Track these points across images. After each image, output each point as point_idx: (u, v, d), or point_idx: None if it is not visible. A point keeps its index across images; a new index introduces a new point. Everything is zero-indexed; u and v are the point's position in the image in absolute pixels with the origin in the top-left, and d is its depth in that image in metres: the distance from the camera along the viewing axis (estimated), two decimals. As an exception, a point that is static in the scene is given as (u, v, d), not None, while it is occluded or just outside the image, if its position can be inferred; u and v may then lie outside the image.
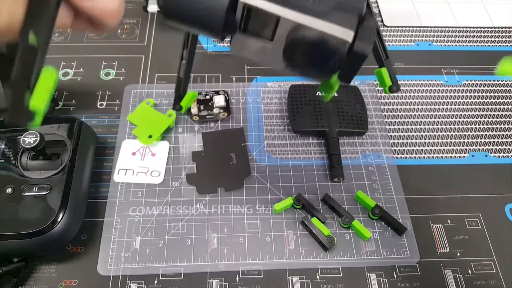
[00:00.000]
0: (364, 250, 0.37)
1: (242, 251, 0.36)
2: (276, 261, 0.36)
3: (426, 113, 0.46)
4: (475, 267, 0.37)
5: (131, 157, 0.41)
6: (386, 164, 0.42)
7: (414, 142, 0.44)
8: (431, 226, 0.39)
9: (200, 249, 0.36)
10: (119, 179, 0.40)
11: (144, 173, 0.40)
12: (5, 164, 0.35)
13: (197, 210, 0.38)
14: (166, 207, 0.39)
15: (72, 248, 0.36)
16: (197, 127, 0.44)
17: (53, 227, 0.32)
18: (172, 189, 0.40)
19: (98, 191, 0.39)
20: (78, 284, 0.34)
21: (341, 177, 0.40)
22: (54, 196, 0.34)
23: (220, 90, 0.46)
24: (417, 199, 0.40)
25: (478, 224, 0.39)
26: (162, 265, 0.35)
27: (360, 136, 0.44)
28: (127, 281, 0.35)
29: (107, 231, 0.37)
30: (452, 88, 0.49)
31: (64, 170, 0.35)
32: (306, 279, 0.35)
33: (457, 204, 0.40)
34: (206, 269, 0.35)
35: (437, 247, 0.37)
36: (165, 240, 0.37)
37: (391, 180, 0.41)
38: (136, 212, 0.38)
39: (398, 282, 0.35)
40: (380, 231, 0.38)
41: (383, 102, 0.47)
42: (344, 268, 0.36)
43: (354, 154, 0.43)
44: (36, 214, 0.33)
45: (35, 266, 0.35)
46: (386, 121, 0.45)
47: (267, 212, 0.39)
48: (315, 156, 0.42)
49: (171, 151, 0.42)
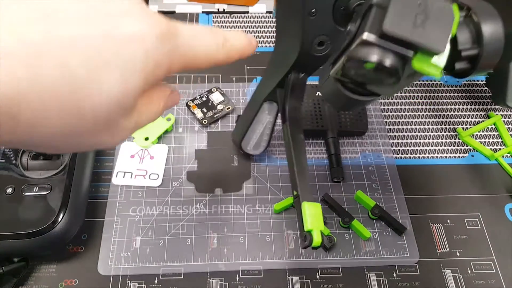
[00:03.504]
0: (364, 250, 0.37)
1: (242, 251, 0.37)
2: (276, 261, 0.36)
3: (426, 113, 0.46)
4: (474, 267, 0.37)
5: (130, 159, 0.41)
6: (386, 164, 0.42)
7: (414, 142, 0.44)
8: (431, 226, 0.39)
9: (200, 249, 0.36)
10: (118, 181, 0.40)
11: (142, 176, 0.40)
12: (6, 164, 0.35)
13: (197, 210, 0.39)
14: (166, 207, 0.39)
15: (73, 248, 0.36)
16: (197, 127, 0.44)
17: (54, 227, 0.32)
18: (172, 189, 0.40)
19: (98, 191, 0.39)
20: (79, 284, 0.34)
21: (341, 177, 0.40)
22: (55, 196, 0.34)
23: (212, 88, 0.46)
24: (417, 199, 0.40)
25: (477, 224, 0.39)
26: (162, 264, 0.36)
27: (360, 136, 0.44)
28: (127, 280, 0.35)
29: (108, 231, 0.37)
30: (452, 88, 0.49)
31: (64, 170, 0.35)
32: (306, 279, 0.35)
33: (457, 204, 0.40)
34: (206, 269, 0.36)
35: (437, 247, 0.37)
36: (165, 240, 0.37)
37: (391, 180, 0.41)
38: (137, 212, 0.38)
39: (397, 282, 0.36)
40: (379, 231, 0.38)
41: (383, 102, 0.47)
42: (344, 268, 0.36)
43: (354, 154, 0.43)
44: (37, 214, 0.33)
45: (36, 266, 0.35)
46: (386, 121, 0.45)
47: (267, 212, 0.39)
48: (315, 156, 0.43)
49: (171, 151, 0.42)
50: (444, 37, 0.18)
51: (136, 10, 0.17)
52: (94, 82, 0.15)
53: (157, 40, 0.17)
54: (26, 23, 0.14)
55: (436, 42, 0.18)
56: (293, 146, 0.28)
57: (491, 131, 0.45)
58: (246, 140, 0.38)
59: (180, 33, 0.19)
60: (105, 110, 0.16)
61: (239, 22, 0.54)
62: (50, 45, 0.15)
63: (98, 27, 0.16)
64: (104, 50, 0.16)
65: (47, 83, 0.14)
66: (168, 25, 0.18)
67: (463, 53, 0.22)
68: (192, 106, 0.45)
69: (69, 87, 0.15)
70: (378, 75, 0.19)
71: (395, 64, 0.18)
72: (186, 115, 0.45)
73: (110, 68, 0.16)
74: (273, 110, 0.36)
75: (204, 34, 0.21)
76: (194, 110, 0.44)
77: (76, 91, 0.15)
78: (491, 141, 0.45)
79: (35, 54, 0.14)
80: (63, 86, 0.15)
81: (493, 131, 0.45)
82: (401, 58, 0.19)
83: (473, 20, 0.22)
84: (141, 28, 0.17)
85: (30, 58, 0.14)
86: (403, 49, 0.18)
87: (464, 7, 0.23)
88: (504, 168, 0.42)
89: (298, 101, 0.30)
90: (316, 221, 0.25)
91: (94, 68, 0.15)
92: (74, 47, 0.15)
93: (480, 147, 0.44)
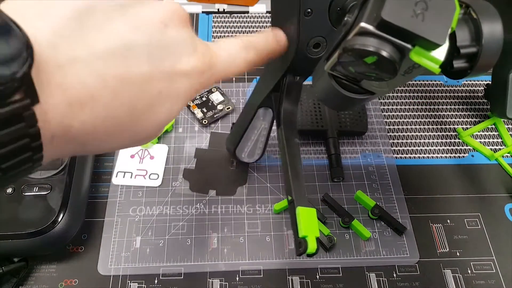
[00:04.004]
0: (364, 250, 0.37)
1: (242, 251, 0.37)
2: (276, 260, 0.36)
3: (426, 113, 0.46)
4: (474, 267, 0.37)
5: (130, 159, 0.41)
6: (386, 164, 0.42)
7: (414, 142, 0.44)
8: (431, 226, 0.39)
9: (200, 249, 0.36)
10: (118, 181, 0.40)
11: (142, 176, 0.40)
12: (6, 164, 0.35)
13: (197, 210, 0.39)
14: (166, 207, 0.39)
15: (73, 248, 0.36)
16: (197, 127, 0.44)
17: (54, 227, 0.32)
18: (172, 189, 0.40)
19: (98, 191, 0.39)
20: (79, 283, 0.34)
21: (341, 177, 0.40)
22: (55, 196, 0.34)
23: (212, 88, 0.46)
24: (417, 199, 0.40)
25: (477, 224, 0.39)
26: (162, 264, 0.36)
27: (360, 136, 0.44)
28: (127, 280, 0.35)
29: (108, 231, 0.37)
30: (452, 88, 0.49)
31: (64, 170, 0.35)
32: (306, 279, 0.35)
33: (457, 204, 0.40)
34: (206, 268, 0.36)
35: (437, 247, 0.37)
36: (165, 240, 0.37)
37: (391, 180, 0.41)
38: (137, 212, 0.38)
39: (397, 282, 0.36)
40: (379, 231, 0.38)
41: (383, 102, 0.47)
42: (343, 268, 0.36)
43: (354, 154, 0.43)
44: (37, 214, 0.33)
45: (36, 266, 0.35)
46: (386, 121, 0.45)
47: (267, 212, 0.39)
48: (315, 156, 0.43)
49: (171, 151, 0.42)
50: (444, 29, 0.17)
51: (190, 48, 0.19)
52: (150, 114, 0.18)
53: (199, 76, 0.20)
54: (105, 58, 0.16)
55: (436, 34, 0.17)
56: (288, 151, 0.28)
57: (491, 131, 0.45)
58: (241, 148, 0.38)
59: (219, 63, 0.21)
60: (153, 132, 0.19)
61: (239, 22, 0.54)
62: (124, 87, 0.16)
63: (161, 65, 0.18)
64: (163, 87, 0.18)
65: (116, 120, 0.17)
66: (210, 57, 0.21)
67: (462, 51, 0.22)
68: (192, 106, 0.45)
69: (130, 120, 0.17)
70: (374, 67, 0.18)
71: (393, 55, 0.18)
72: (186, 115, 0.45)
73: (162, 101, 0.18)
74: (268, 116, 0.35)
75: (238, 57, 0.23)
76: (194, 110, 0.44)
77: (135, 123, 0.18)
78: (491, 141, 0.45)
79: (112, 95, 0.16)
80: (127, 122, 0.17)
81: (493, 131, 0.45)
82: (399, 50, 0.18)
83: (472, 17, 0.22)
84: (191, 65, 0.19)
85: (108, 99, 0.16)
86: (402, 41, 0.18)
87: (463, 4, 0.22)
88: (504, 168, 0.42)
89: (293, 105, 0.30)
90: (311, 227, 0.24)
91: (152, 104, 0.18)
92: (142, 89, 0.17)
93: (480, 147, 0.44)
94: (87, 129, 0.16)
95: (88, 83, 0.15)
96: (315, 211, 0.25)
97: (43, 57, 0.14)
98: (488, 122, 0.45)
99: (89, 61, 0.15)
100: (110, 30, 0.16)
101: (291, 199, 0.25)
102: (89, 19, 0.16)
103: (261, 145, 0.38)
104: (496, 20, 0.22)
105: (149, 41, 0.17)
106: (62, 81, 0.15)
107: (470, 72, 0.22)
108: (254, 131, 0.36)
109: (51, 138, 0.15)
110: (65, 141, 0.16)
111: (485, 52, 0.21)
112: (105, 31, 0.16)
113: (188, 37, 0.19)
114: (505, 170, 0.42)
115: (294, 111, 0.30)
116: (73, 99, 0.15)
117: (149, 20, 0.18)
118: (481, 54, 0.22)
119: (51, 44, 0.14)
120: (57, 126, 0.15)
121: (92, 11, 0.16)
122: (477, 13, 0.22)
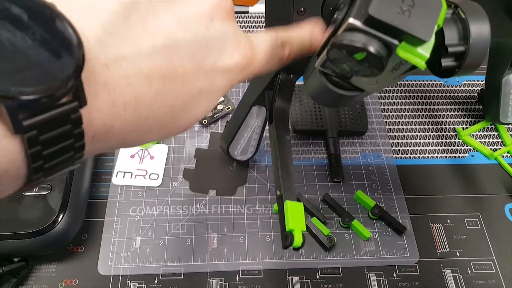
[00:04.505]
0: (364, 250, 0.37)
1: (242, 251, 0.37)
2: (276, 260, 0.36)
3: (426, 113, 0.46)
4: (474, 266, 0.37)
5: (130, 159, 0.41)
6: (386, 164, 0.42)
7: (414, 142, 0.44)
8: (431, 226, 0.39)
9: (200, 249, 0.36)
10: (118, 181, 0.40)
11: (142, 176, 0.40)
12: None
13: (197, 210, 0.39)
14: (166, 207, 0.39)
15: (73, 248, 0.36)
16: (197, 127, 0.44)
17: (54, 227, 0.32)
18: (172, 189, 0.40)
19: (98, 191, 0.39)
20: (79, 283, 0.34)
21: (341, 177, 0.40)
22: (55, 196, 0.34)
23: None
24: (417, 199, 0.40)
25: (477, 224, 0.39)
26: (162, 264, 0.36)
27: (360, 136, 0.44)
28: (127, 280, 0.35)
29: (108, 231, 0.37)
30: (452, 88, 0.49)
31: (64, 170, 0.35)
32: (306, 279, 0.35)
33: (457, 204, 0.40)
34: (206, 268, 0.36)
35: (437, 247, 0.37)
36: (165, 240, 0.37)
37: (391, 180, 0.41)
38: (137, 212, 0.38)
39: (397, 282, 0.36)
40: (379, 231, 0.38)
41: (383, 102, 0.47)
42: (343, 268, 0.36)
43: (354, 154, 0.43)
44: (37, 214, 0.33)
45: (36, 266, 0.35)
46: (386, 121, 0.46)
47: (267, 212, 0.39)
48: (315, 156, 0.43)
49: (171, 151, 0.42)
50: (430, 26, 0.18)
51: (233, 43, 0.19)
52: (188, 110, 0.18)
53: (240, 72, 0.19)
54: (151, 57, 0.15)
55: (422, 30, 0.18)
56: (278, 147, 0.28)
57: (490, 130, 0.45)
58: (234, 146, 0.38)
59: (257, 60, 0.20)
60: (188, 126, 0.19)
61: (239, 22, 0.54)
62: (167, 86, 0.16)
63: (204, 63, 0.17)
64: (203, 85, 0.18)
65: (157, 118, 0.16)
66: (252, 55, 0.20)
67: (450, 49, 0.22)
68: (192, 106, 0.45)
69: (170, 118, 0.17)
70: (363, 63, 0.19)
71: (380, 51, 0.18)
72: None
73: (201, 97, 0.18)
74: (261, 114, 0.35)
75: (275, 55, 0.22)
76: (194, 110, 0.44)
77: (174, 121, 0.18)
78: (490, 141, 0.45)
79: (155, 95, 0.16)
80: (167, 120, 0.17)
81: (493, 131, 0.45)
82: (386, 46, 0.18)
83: (460, 17, 0.22)
84: (232, 63, 0.19)
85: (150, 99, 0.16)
86: (389, 37, 0.18)
87: (452, 4, 0.23)
88: (504, 168, 0.42)
89: (286, 103, 0.30)
90: (298, 221, 0.24)
91: (191, 102, 0.18)
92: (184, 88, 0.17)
93: (480, 146, 0.44)
94: (128, 128, 0.15)
95: (133, 84, 0.15)
96: (302, 205, 0.25)
97: (92, 55, 0.13)
98: (487, 121, 0.45)
99: (135, 59, 0.15)
100: (156, 25, 0.16)
101: (280, 194, 0.26)
102: (134, 13, 0.15)
103: (254, 143, 0.38)
104: (484, 21, 0.22)
105: (194, 38, 0.17)
106: (108, 80, 0.14)
107: (458, 70, 0.23)
108: (247, 129, 0.36)
109: (92, 138, 0.14)
110: (105, 140, 0.15)
111: (473, 51, 0.22)
112: (150, 27, 0.15)
113: (232, 30, 0.19)
114: (505, 170, 0.42)
115: (287, 108, 0.30)
116: (117, 99, 0.14)
117: (195, 14, 0.17)
118: (468, 53, 0.22)
119: (99, 41, 0.14)
120: (100, 127, 0.14)
121: (136, 5, 0.15)
122: (465, 13, 0.22)
